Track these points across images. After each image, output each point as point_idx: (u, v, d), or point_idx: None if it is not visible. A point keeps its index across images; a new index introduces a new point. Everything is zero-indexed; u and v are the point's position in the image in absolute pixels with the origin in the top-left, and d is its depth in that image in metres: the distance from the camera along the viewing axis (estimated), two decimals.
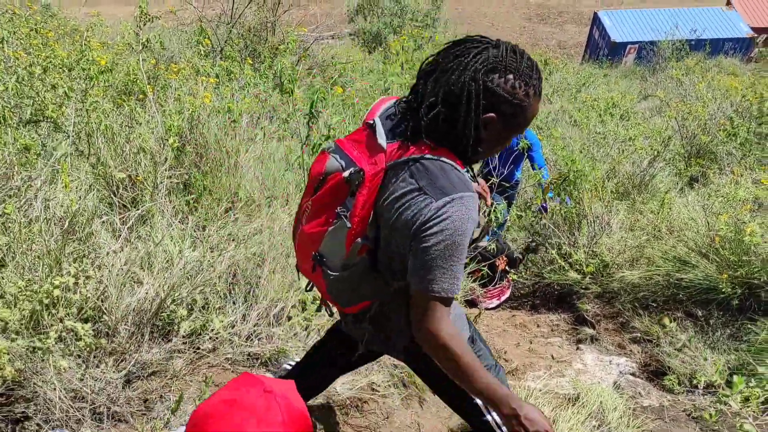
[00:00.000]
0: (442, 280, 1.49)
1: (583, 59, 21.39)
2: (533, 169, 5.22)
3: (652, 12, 22.26)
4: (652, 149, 5.92)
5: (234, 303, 2.92)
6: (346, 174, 1.58)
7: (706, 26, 20.51)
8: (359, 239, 1.60)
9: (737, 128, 6.91)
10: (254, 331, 2.80)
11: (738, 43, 20.86)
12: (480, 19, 23.81)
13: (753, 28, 21.42)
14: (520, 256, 5.17)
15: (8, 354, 2.12)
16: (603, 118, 6.36)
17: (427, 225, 1.48)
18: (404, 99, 1.69)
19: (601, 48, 21.41)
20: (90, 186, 3.20)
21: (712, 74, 13.50)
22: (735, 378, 1.13)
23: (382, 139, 1.60)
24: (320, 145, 3.41)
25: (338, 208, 1.61)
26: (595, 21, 21.96)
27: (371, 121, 1.67)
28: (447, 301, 1.53)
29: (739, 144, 6.67)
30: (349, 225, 1.58)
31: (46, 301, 2.20)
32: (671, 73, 13.07)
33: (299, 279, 2.42)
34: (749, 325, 3.73)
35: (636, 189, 5.46)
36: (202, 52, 5.25)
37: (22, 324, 2.21)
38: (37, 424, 2.25)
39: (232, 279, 2.97)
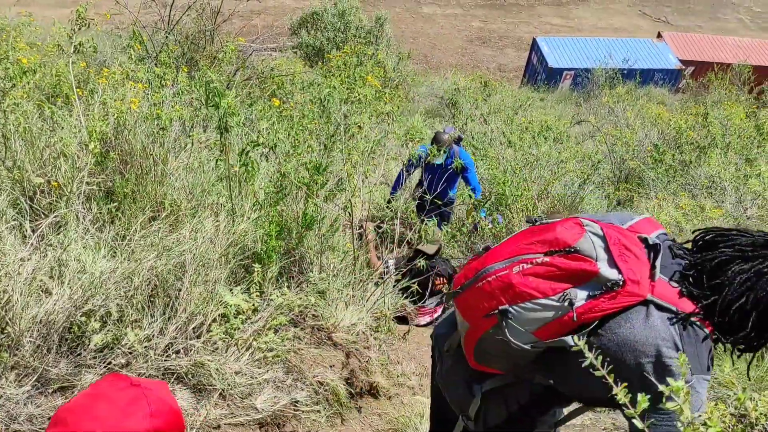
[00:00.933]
0: None
1: (521, 83, 21.94)
2: (470, 189, 5.29)
3: (588, 40, 23.06)
4: (582, 172, 6.08)
5: (152, 316, 2.81)
6: (605, 272, 1.49)
7: (638, 57, 21.37)
8: (570, 336, 1.45)
9: (663, 155, 7.18)
10: (171, 345, 2.70)
11: (667, 74, 21.81)
12: (422, 39, 24.14)
13: (681, 61, 22.46)
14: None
15: None
16: (537, 140, 6.52)
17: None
18: (680, 248, 1.63)
19: (539, 73, 22.01)
20: (1, 189, 3.03)
21: (642, 102, 14.06)
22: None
23: (658, 269, 1.53)
24: (245, 152, 3.32)
25: (567, 289, 1.52)
26: (534, 46, 22.58)
27: (649, 239, 1.59)
28: None
29: (664, 170, 6.93)
30: (574, 316, 1.49)
31: None
32: (603, 100, 13.53)
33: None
34: None
35: (566, 210, 5.58)
36: (134, 57, 5.09)
37: None
38: None
39: (151, 291, 2.86)
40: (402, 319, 4.68)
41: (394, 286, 4.25)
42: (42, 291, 2.50)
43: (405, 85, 12.65)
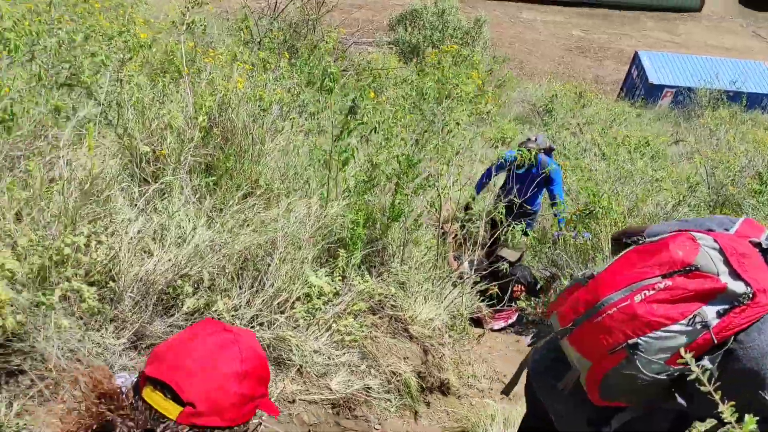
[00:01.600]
0: None
1: (618, 96, 21.28)
2: (552, 200, 5.21)
3: (693, 58, 22.12)
4: (678, 193, 5.85)
5: (240, 287, 2.92)
6: (732, 287, 1.43)
7: (747, 79, 20.31)
8: (706, 360, 1.42)
9: (766, 183, 6.81)
10: (257, 317, 2.79)
11: None
12: (519, 44, 23.80)
13: None
14: (542, 286, 5.11)
15: (12, 305, 2.13)
16: (632, 155, 6.31)
17: None
18: None
19: (638, 88, 21.29)
20: (114, 154, 3.22)
21: (747, 127, 13.36)
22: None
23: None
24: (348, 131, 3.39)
25: (696, 310, 1.44)
26: (635, 60, 21.85)
27: (763, 243, 1.55)
28: None
29: (766, 199, 6.58)
30: (712, 337, 1.42)
31: (55, 258, 2.21)
32: (705, 121, 12.96)
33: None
34: None
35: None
36: (242, 40, 5.29)
37: (29, 278, 2.22)
38: (31, 380, 2.25)
39: (242, 263, 2.97)
40: (475, 322, 4.66)
41: (473, 287, 4.24)
42: (144, 252, 2.65)
43: (498, 89, 12.54)
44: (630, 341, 1.46)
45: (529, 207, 5.07)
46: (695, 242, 1.50)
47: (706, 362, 1.41)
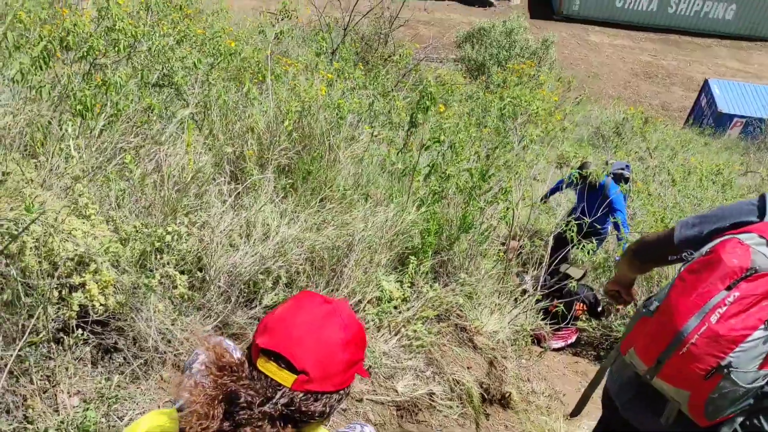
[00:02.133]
0: None
1: (685, 123, 20.80)
2: (615, 225, 5.18)
3: (766, 89, 21.45)
4: None
5: (316, 286, 3.03)
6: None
7: None
8: None
9: None
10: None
11: None
12: (586, 67, 23.53)
13: None
14: (603, 308, 5.07)
15: (114, 286, 2.28)
16: (703, 183, 6.19)
17: None
18: None
19: (706, 116, 20.75)
20: (205, 152, 3.39)
21: None
22: None
23: None
24: (425, 147, 3.48)
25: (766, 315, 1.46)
26: (705, 88, 21.32)
27: None
28: None
29: None
30: None
31: (156, 245, 2.36)
32: None
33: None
34: None
35: None
36: (320, 50, 5.46)
37: (131, 262, 2.37)
38: (125, 358, 2.40)
39: (318, 264, 3.08)
40: (535, 339, 4.66)
41: (535, 304, 4.25)
42: (231, 245, 2.78)
43: (561, 111, 12.45)
44: (722, 362, 1.48)
45: (598, 227, 5.05)
46: (743, 244, 1.51)
47: None
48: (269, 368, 1.10)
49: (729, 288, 1.49)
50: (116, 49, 3.21)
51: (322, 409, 1.13)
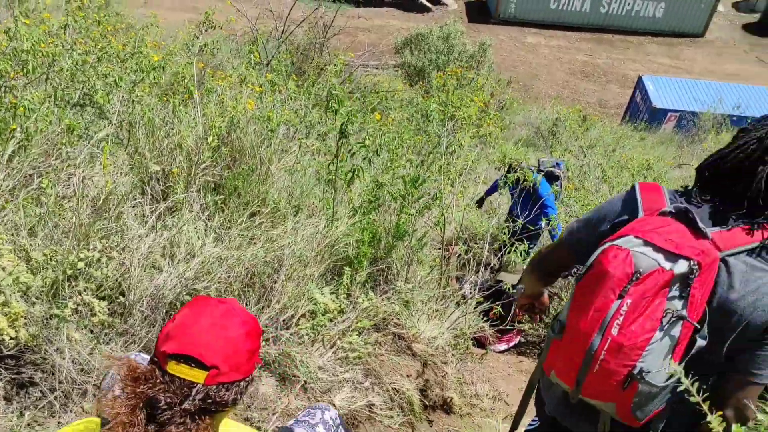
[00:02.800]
0: None
1: (622, 120, 21.39)
2: (547, 222, 5.27)
3: (697, 83, 22.23)
4: None
5: (247, 304, 2.97)
6: (678, 269, 1.47)
7: (750, 104, 20.40)
8: (698, 338, 1.49)
9: None
10: (262, 333, 2.84)
11: None
12: (524, 68, 24.00)
13: None
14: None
15: (25, 318, 2.18)
16: (635, 178, 6.35)
17: None
18: (698, 195, 1.65)
19: (642, 112, 21.40)
20: (125, 173, 3.30)
21: None
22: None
23: (705, 227, 1.53)
24: (351, 153, 3.46)
25: (664, 309, 1.48)
26: (639, 84, 21.98)
27: (669, 209, 1.59)
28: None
29: None
30: (695, 324, 1.48)
31: (69, 272, 2.27)
32: (709, 145, 13.03)
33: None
34: None
35: None
36: (252, 62, 5.39)
37: (42, 291, 2.28)
38: (42, 392, 2.30)
39: (249, 279, 3.02)
40: (478, 342, 4.69)
41: (475, 308, 4.28)
42: (154, 267, 2.71)
43: (502, 112, 12.65)
44: (634, 371, 1.51)
45: (531, 228, 5.12)
46: (623, 249, 1.53)
47: (700, 341, 1.50)
48: (181, 370, 1.20)
49: (621, 296, 1.50)
50: (24, 71, 3.09)
51: (234, 396, 1.27)
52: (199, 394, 1.20)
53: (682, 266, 1.47)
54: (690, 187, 1.72)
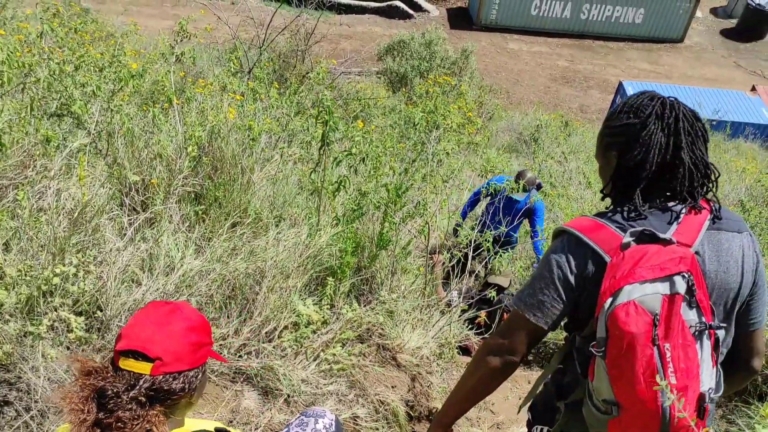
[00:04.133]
0: None
1: None
2: (532, 230, 5.27)
3: (676, 87, 22.46)
4: None
5: (228, 316, 2.92)
6: (681, 286, 1.47)
7: (729, 109, 20.64)
8: (718, 333, 1.53)
9: (749, 211, 6.90)
10: (244, 346, 2.79)
11: (759, 129, 20.95)
12: (506, 74, 24.11)
13: None
14: None
15: None
16: None
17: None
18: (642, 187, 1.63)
19: None
20: (102, 184, 3.24)
21: (730, 156, 13.56)
22: None
23: (666, 235, 1.53)
24: (336, 161, 3.42)
25: (688, 328, 1.47)
26: (620, 89, 22.18)
27: (632, 238, 1.55)
28: None
29: (750, 227, 6.65)
30: (715, 323, 1.50)
31: (44, 288, 2.21)
32: None
33: None
34: (743, 408, 3.68)
35: None
36: (232, 69, 5.34)
37: (17, 308, 2.22)
38: (17, 411, 2.23)
39: (230, 292, 2.97)
40: (464, 350, 4.67)
41: (460, 316, 4.25)
42: (132, 281, 2.65)
43: (485, 119, 12.68)
44: (703, 400, 1.53)
45: (513, 234, 5.12)
46: (627, 304, 1.50)
47: (720, 334, 1.59)
48: (129, 364, 1.33)
49: (655, 345, 1.45)
50: (0, 82, 3.02)
51: (183, 385, 1.38)
52: (146, 383, 1.32)
53: (680, 284, 1.46)
54: (616, 206, 1.67)
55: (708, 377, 1.50)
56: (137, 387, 1.31)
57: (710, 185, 1.66)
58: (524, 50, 26.83)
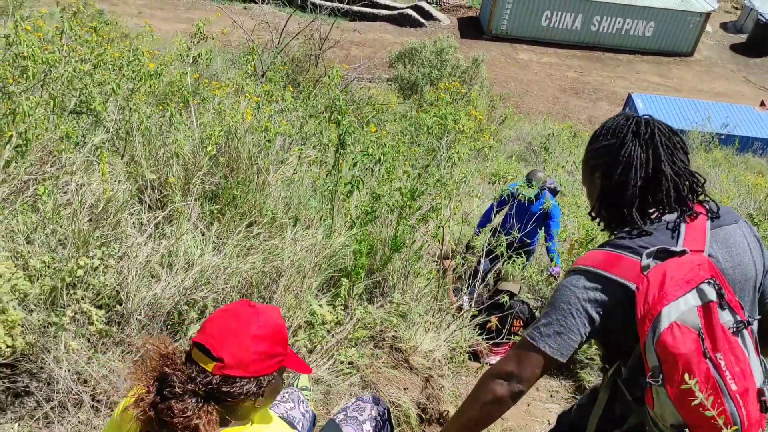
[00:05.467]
0: None
1: None
2: (547, 234, 5.27)
3: (685, 101, 22.45)
4: None
5: None
6: (711, 294, 1.48)
7: (738, 123, 20.62)
8: (753, 326, 1.59)
9: (758, 225, 6.90)
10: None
11: (767, 144, 20.93)
12: (515, 84, 24.16)
13: None
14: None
15: (22, 326, 2.15)
16: None
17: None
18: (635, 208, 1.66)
19: None
20: (123, 180, 3.27)
21: (739, 170, 13.55)
22: None
23: (676, 247, 1.55)
24: (354, 163, 3.45)
25: (728, 329, 1.49)
26: (629, 102, 22.19)
27: (650, 259, 1.55)
28: None
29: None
30: (750, 318, 1.57)
31: (68, 280, 2.24)
32: (698, 162, 13.13)
33: None
34: None
35: None
36: (248, 72, 5.39)
37: (40, 299, 2.24)
38: (37, 401, 2.26)
39: (247, 290, 2.99)
40: (473, 355, 4.67)
41: (471, 320, 4.26)
42: (152, 276, 2.67)
43: (497, 124, 12.70)
44: (763, 397, 1.55)
45: (528, 241, 5.12)
46: (669, 327, 1.50)
47: (755, 326, 1.65)
48: (198, 357, 1.37)
49: (707, 357, 1.46)
50: (24, 77, 3.06)
51: (242, 390, 1.38)
52: (205, 379, 1.35)
53: (709, 291, 1.48)
54: (615, 230, 1.71)
55: (758, 372, 1.52)
56: (196, 381, 1.34)
57: (700, 190, 1.69)
58: (534, 60, 26.88)
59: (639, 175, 1.64)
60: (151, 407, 1.33)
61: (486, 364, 4.67)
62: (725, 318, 1.49)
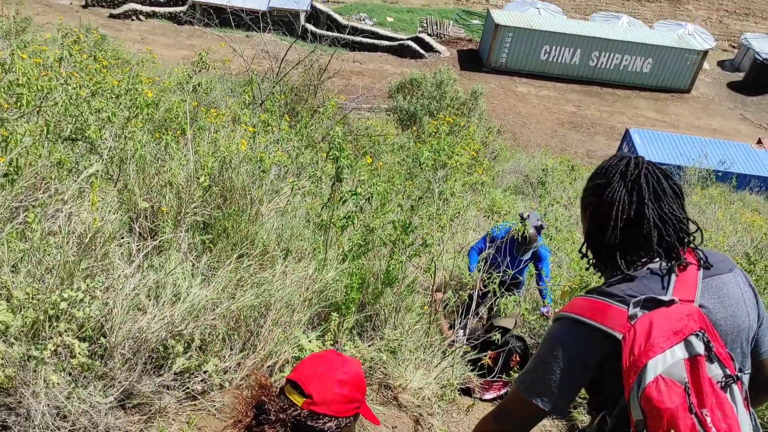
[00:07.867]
0: None
1: None
2: (538, 275, 5.26)
3: (682, 137, 22.60)
4: None
5: (231, 349, 2.90)
6: (699, 346, 1.45)
7: (735, 160, 20.72)
8: (743, 379, 1.57)
9: (755, 263, 6.87)
10: (246, 379, 2.76)
11: (764, 182, 21.01)
12: (514, 117, 24.33)
13: None
14: None
15: (2, 359, 2.11)
16: None
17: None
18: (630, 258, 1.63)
19: None
20: (114, 210, 3.24)
21: (736, 207, 13.57)
22: None
23: (665, 296, 1.51)
24: (342, 200, 3.43)
25: (716, 384, 1.45)
26: (626, 137, 22.32)
27: (636, 309, 1.51)
28: None
29: (755, 279, 6.62)
30: (740, 373, 1.54)
31: (50, 312, 2.20)
32: (694, 199, 13.16)
33: None
34: None
35: None
36: (246, 101, 5.41)
37: (22, 331, 2.21)
38: None
39: (234, 324, 2.95)
40: (465, 391, 4.61)
41: (463, 356, 4.21)
42: (138, 309, 2.64)
43: (489, 159, 12.74)
44: None
45: (519, 278, 5.10)
46: (655, 380, 1.46)
47: (745, 378, 1.63)
48: (290, 391, 1.54)
49: (692, 412, 1.41)
50: (18, 104, 3.06)
51: (321, 427, 1.52)
52: (295, 412, 1.50)
53: (697, 344, 1.44)
54: (609, 279, 1.65)
55: (747, 427, 1.47)
56: (287, 412, 1.50)
57: (689, 238, 1.65)
58: (533, 94, 27.11)
59: (621, 216, 1.62)
60: (247, 430, 1.51)
61: (478, 399, 4.61)
62: (714, 371, 1.45)
